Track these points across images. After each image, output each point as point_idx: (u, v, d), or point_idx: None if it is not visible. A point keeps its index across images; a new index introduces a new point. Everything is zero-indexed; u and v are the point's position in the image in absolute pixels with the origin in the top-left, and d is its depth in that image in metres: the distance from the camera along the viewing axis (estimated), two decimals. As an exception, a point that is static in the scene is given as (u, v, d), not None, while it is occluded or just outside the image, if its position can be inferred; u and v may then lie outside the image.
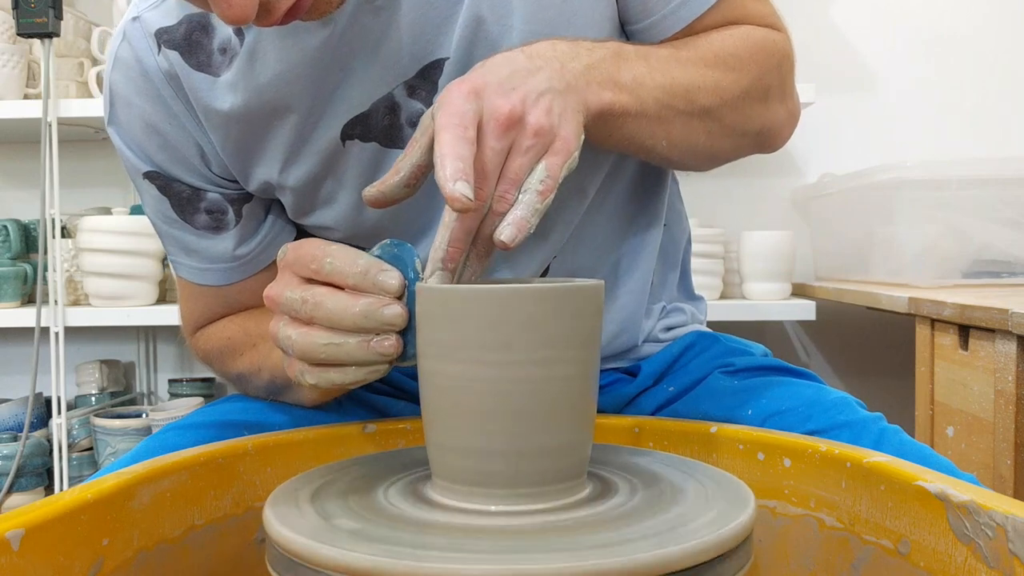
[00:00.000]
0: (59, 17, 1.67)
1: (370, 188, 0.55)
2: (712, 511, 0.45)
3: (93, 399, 1.99)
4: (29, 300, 1.86)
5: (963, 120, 2.03)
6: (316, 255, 0.55)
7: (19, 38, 1.75)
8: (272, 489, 0.51)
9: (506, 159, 0.52)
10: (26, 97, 1.84)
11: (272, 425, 0.72)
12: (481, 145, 0.51)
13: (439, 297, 0.48)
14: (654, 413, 0.79)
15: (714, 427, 0.65)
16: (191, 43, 0.70)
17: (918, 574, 0.50)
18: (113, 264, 1.74)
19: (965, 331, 1.23)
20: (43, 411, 1.90)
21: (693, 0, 0.69)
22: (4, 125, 1.81)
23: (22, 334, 1.90)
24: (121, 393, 2.07)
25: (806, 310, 1.79)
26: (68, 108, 1.74)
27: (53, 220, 1.74)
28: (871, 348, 2.05)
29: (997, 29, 2.05)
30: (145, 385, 2.15)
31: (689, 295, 0.94)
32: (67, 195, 1.87)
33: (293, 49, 0.68)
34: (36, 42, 1.80)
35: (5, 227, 1.83)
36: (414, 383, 0.79)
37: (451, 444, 0.48)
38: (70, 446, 1.82)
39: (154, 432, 0.84)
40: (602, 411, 0.62)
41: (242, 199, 0.77)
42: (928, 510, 0.49)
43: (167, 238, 0.79)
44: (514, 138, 0.52)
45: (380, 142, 0.71)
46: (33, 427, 1.81)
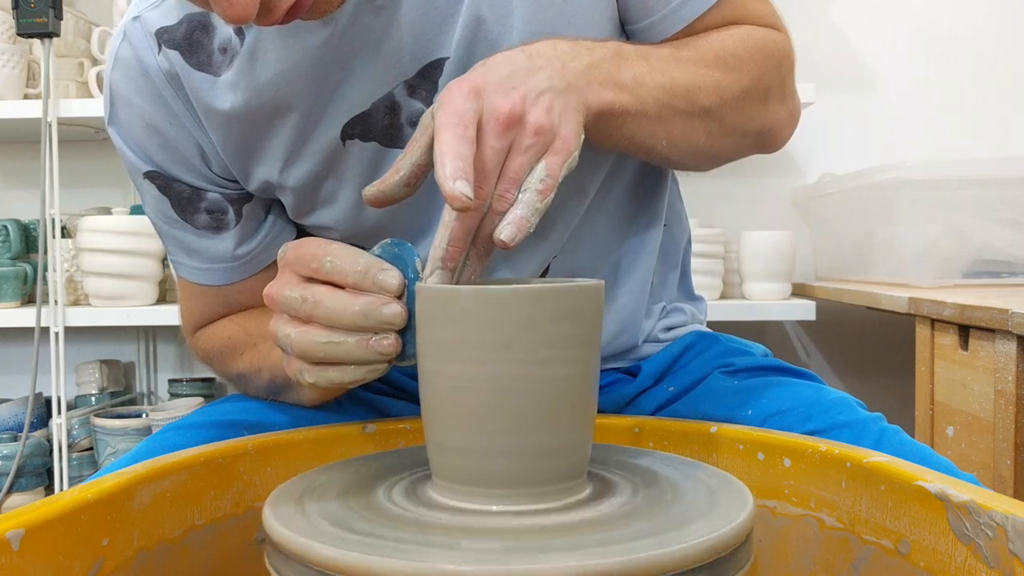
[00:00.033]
0: (59, 17, 1.67)
1: (370, 187, 0.55)
2: (712, 511, 0.45)
3: (93, 399, 1.99)
4: (29, 300, 1.86)
5: (963, 120, 2.03)
6: (316, 254, 0.55)
7: (19, 38, 1.75)
8: (272, 489, 0.51)
9: (506, 158, 0.52)
10: (26, 97, 1.84)
11: (272, 425, 0.72)
12: (481, 144, 0.51)
13: (439, 297, 0.48)
14: (654, 413, 0.79)
15: (714, 427, 0.65)
16: (191, 43, 0.70)
17: (918, 574, 0.50)
18: (113, 264, 1.74)
19: (965, 331, 1.22)
20: (43, 411, 1.90)
21: (693, 0, 0.69)
22: (4, 125, 1.81)
23: (22, 334, 1.90)
24: (121, 393, 2.07)
25: (806, 310, 1.79)
26: (68, 108, 1.74)
27: (53, 220, 1.74)
28: (871, 348, 2.05)
29: (997, 29, 2.05)
30: (145, 385, 2.15)
31: (689, 295, 0.94)
32: (67, 195, 1.87)
33: (294, 48, 0.68)
34: (36, 42, 1.80)
35: (5, 227, 1.83)
36: (414, 383, 0.79)
37: (451, 444, 0.48)
38: (70, 446, 1.82)
39: (154, 432, 0.84)
40: (602, 411, 0.62)
41: (242, 199, 0.77)
42: (928, 510, 0.49)
43: (167, 238, 0.79)
44: (514, 137, 0.52)
45: (380, 142, 0.71)
46: (33, 427, 1.81)
